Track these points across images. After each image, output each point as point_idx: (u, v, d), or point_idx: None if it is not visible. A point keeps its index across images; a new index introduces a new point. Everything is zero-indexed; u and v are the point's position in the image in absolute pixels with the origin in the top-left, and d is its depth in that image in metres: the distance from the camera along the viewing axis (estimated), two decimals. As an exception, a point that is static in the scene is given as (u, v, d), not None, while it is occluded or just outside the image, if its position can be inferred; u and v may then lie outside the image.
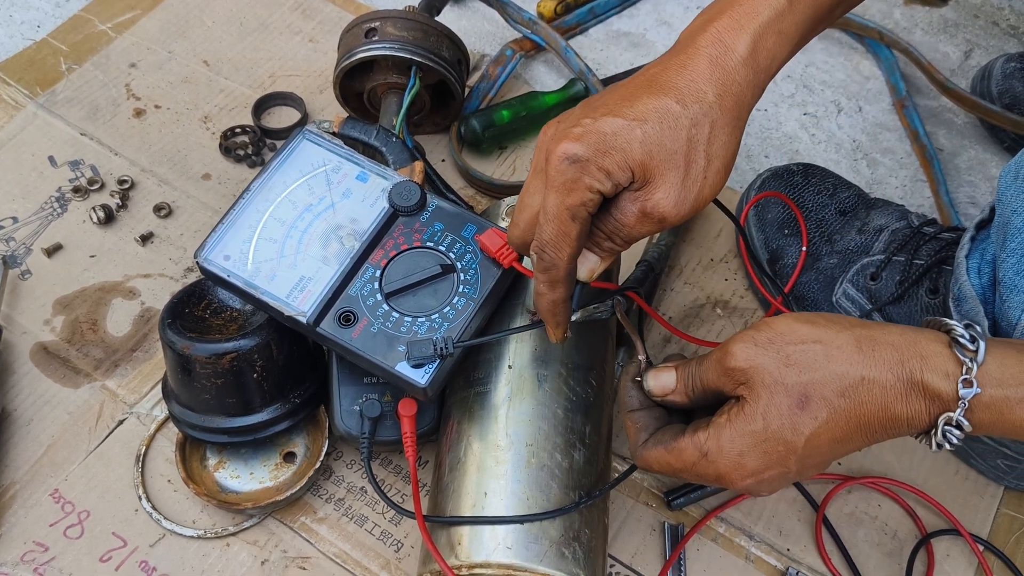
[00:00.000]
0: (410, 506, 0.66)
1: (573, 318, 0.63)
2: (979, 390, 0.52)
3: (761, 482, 0.56)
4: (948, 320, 0.54)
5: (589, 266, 0.60)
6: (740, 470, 0.55)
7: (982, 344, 0.53)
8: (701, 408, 0.59)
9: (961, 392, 0.52)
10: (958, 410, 0.52)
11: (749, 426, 0.54)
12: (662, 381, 0.59)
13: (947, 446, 0.54)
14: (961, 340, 0.53)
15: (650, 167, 0.55)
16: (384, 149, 0.79)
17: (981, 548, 0.76)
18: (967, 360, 0.52)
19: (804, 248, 0.84)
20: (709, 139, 0.55)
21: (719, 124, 0.56)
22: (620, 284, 0.78)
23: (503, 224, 0.75)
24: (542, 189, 0.57)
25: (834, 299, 0.83)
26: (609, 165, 0.54)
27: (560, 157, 0.55)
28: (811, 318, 0.55)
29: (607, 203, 0.57)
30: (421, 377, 0.65)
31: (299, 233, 0.70)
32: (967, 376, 0.52)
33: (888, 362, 0.53)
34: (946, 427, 0.53)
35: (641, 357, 0.62)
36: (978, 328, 0.53)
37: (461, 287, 0.68)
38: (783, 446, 0.54)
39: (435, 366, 0.65)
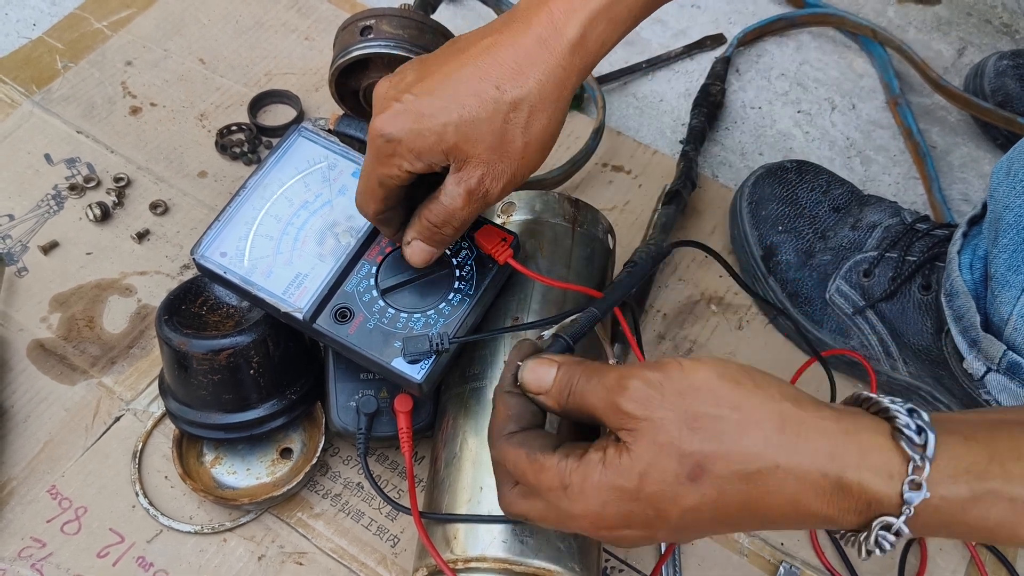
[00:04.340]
0: (406, 501, 0.66)
1: (547, 333, 0.64)
2: (928, 494, 0.44)
3: (617, 538, 0.49)
4: (887, 402, 0.46)
5: (424, 256, 0.63)
6: (596, 519, 0.48)
7: (931, 436, 0.44)
8: (572, 420, 0.52)
9: (907, 496, 0.44)
10: (902, 516, 0.44)
11: (621, 481, 0.46)
12: (539, 376, 0.51)
13: (878, 552, 0.46)
14: (906, 431, 0.45)
15: (465, 148, 0.57)
16: (380, 146, 0.79)
17: (973, 542, 0.77)
18: (916, 457, 0.44)
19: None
20: (527, 123, 0.57)
21: (538, 108, 0.57)
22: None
23: (498, 220, 0.76)
24: None
25: (827, 295, 0.84)
26: (421, 147, 0.57)
27: (377, 132, 0.58)
28: (738, 376, 0.47)
29: (433, 188, 0.60)
30: (417, 373, 0.66)
31: (295, 230, 0.71)
32: (916, 477, 0.44)
33: (813, 453, 0.45)
34: (881, 532, 0.45)
35: (545, 334, 0.57)
36: (924, 415, 0.45)
37: (457, 283, 0.68)
38: (653, 512, 0.46)
39: (431, 362, 0.66)
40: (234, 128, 0.98)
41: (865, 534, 0.46)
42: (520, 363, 0.53)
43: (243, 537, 0.75)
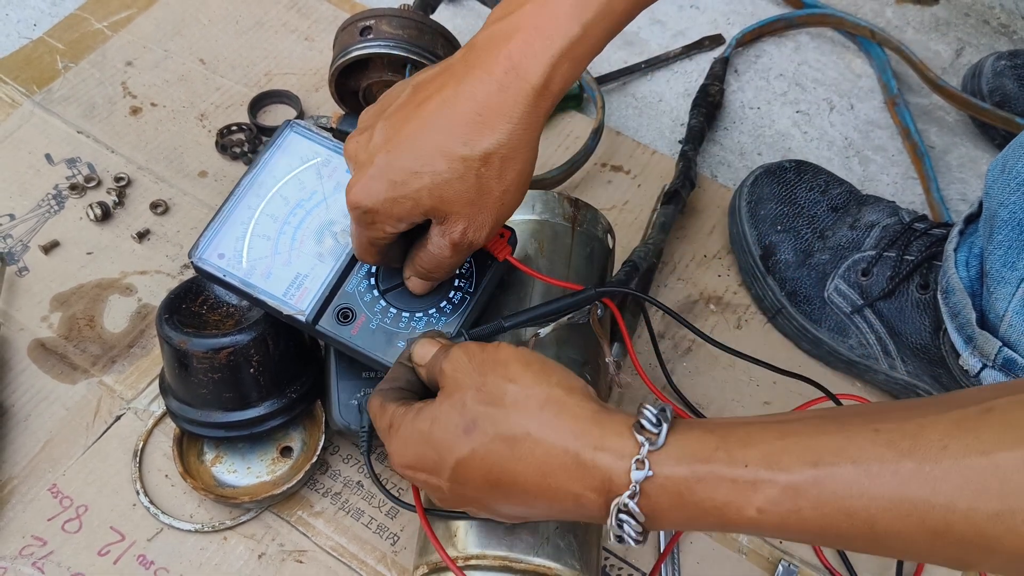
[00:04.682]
0: (406, 499, 0.66)
1: (543, 332, 0.69)
2: (651, 472, 0.48)
3: (416, 480, 0.56)
4: (649, 405, 0.50)
5: (424, 289, 0.66)
6: (399, 456, 0.56)
7: (665, 427, 0.48)
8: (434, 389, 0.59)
9: (633, 474, 0.48)
10: (626, 493, 0.48)
11: (420, 424, 0.54)
12: (424, 351, 0.59)
13: (628, 540, 0.49)
14: (644, 422, 0.49)
15: (443, 208, 0.58)
16: (380, 146, 0.80)
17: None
18: (644, 441, 0.48)
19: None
20: (500, 173, 0.58)
21: (509, 158, 0.57)
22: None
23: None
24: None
25: (826, 294, 0.84)
26: (399, 213, 0.59)
27: (354, 204, 0.59)
28: (530, 359, 0.54)
29: (422, 235, 0.62)
30: (418, 372, 0.66)
31: (292, 229, 0.70)
32: (640, 457, 0.48)
33: (561, 430, 0.50)
34: (621, 515, 0.49)
35: (610, 360, 0.65)
36: (669, 413, 0.49)
37: (457, 280, 0.69)
38: (437, 457, 0.53)
39: (431, 360, 0.66)
40: (234, 128, 0.98)
41: (610, 518, 0.49)
42: (429, 341, 0.60)
43: (243, 535, 0.75)
